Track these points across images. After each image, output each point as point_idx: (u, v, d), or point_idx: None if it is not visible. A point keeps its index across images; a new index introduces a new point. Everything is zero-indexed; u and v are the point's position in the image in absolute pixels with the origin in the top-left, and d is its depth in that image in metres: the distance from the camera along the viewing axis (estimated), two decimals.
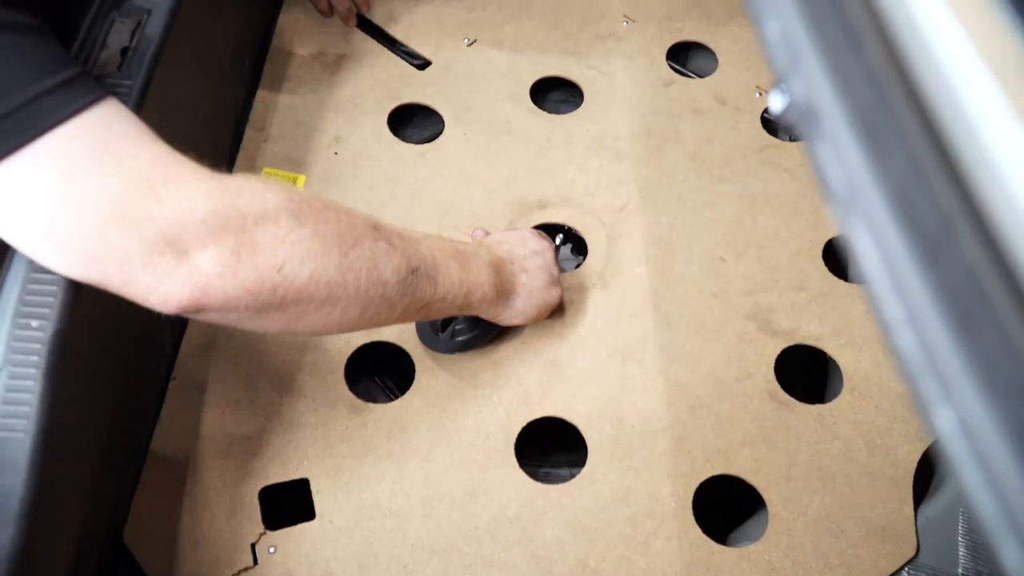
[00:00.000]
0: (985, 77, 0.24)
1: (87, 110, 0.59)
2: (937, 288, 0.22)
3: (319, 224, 0.66)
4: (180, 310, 0.61)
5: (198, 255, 0.60)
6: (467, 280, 0.80)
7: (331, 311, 0.68)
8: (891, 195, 0.24)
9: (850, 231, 0.25)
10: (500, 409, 0.91)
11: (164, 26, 0.83)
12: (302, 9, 1.22)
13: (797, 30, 0.26)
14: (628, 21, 1.25)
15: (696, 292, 1.00)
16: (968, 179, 0.24)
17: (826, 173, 0.26)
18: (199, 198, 0.60)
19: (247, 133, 1.08)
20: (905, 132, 0.25)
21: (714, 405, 0.92)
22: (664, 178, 1.09)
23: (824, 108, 0.26)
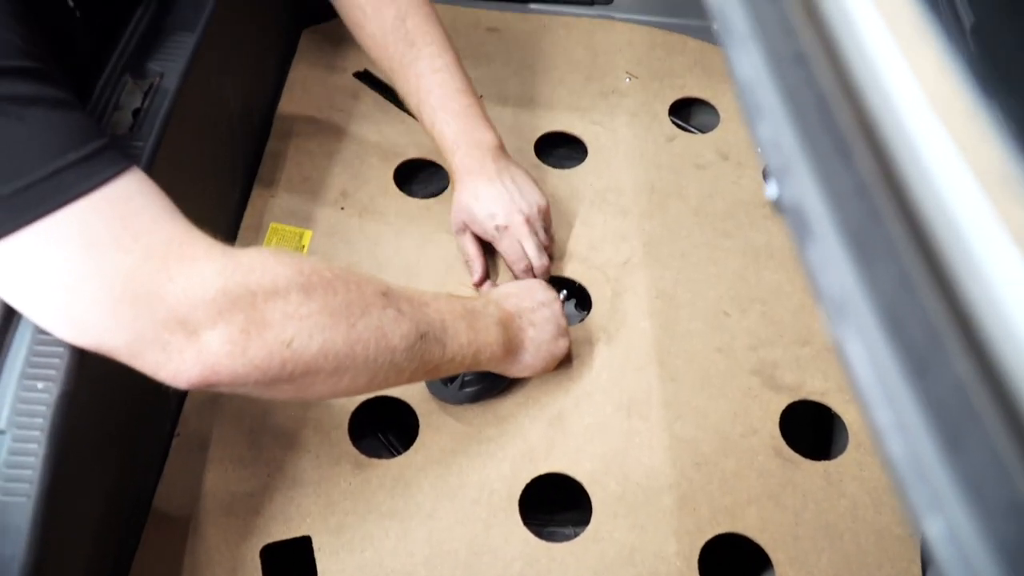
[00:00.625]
0: (974, 189, 0.24)
1: (107, 184, 0.60)
2: (925, 401, 0.23)
3: (328, 296, 0.67)
4: (190, 386, 0.62)
5: (208, 334, 0.61)
6: (476, 340, 0.81)
7: (340, 380, 0.69)
8: (880, 306, 0.24)
9: (839, 336, 0.25)
10: (504, 465, 0.91)
11: (176, 88, 0.85)
12: (310, 65, 1.24)
13: (787, 137, 0.27)
14: (631, 78, 1.27)
15: (701, 347, 1.00)
16: (958, 293, 0.24)
17: (816, 277, 0.27)
18: (211, 277, 0.61)
19: (255, 188, 1.10)
20: (894, 244, 0.25)
21: (720, 461, 0.92)
22: (668, 233, 1.10)
23: (813, 216, 0.26)
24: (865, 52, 0.28)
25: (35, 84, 0.61)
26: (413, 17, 0.98)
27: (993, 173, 0.24)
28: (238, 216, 1.07)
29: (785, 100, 0.28)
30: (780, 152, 0.27)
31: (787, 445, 0.93)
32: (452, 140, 0.97)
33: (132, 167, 0.63)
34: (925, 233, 0.25)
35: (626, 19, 1.34)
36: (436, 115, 0.97)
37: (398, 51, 0.97)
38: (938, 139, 0.25)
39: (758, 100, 0.29)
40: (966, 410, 0.22)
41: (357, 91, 1.22)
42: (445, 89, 0.97)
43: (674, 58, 1.30)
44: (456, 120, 0.97)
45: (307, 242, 1.05)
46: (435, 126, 0.98)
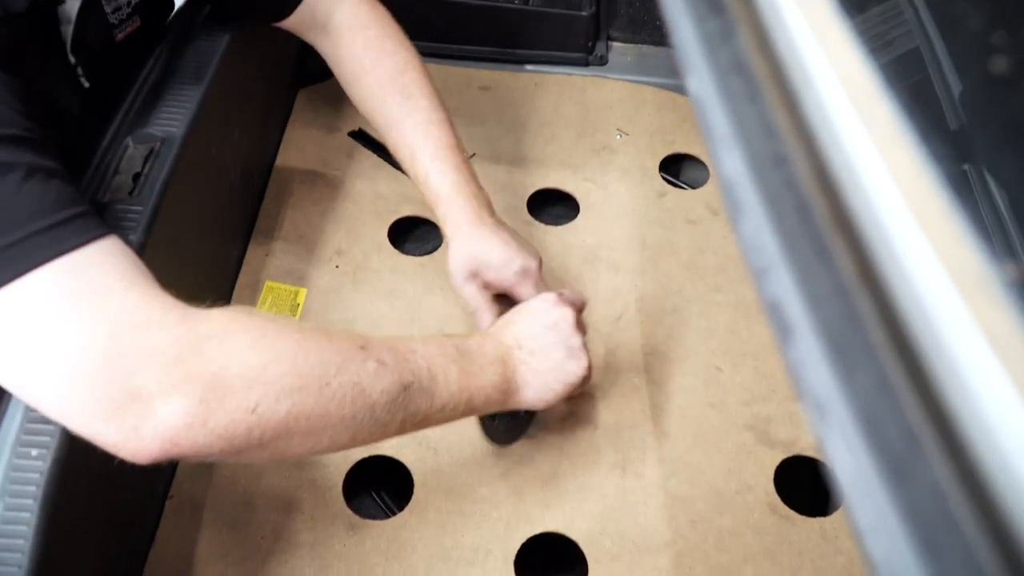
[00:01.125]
0: (950, 292, 0.25)
1: (70, 253, 0.60)
2: (903, 504, 0.23)
3: (297, 358, 0.64)
4: (150, 461, 0.60)
5: (163, 407, 0.59)
6: (468, 386, 0.76)
7: (318, 439, 0.66)
8: (858, 409, 0.25)
9: (821, 436, 0.26)
10: (500, 525, 0.90)
11: (176, 154, 0.86)
12: (306, 125, 1.26)
13: (767, 237, 0.28)
14: (622, 134, 1.29)
15: (694, 403, 1.00)
16: (936, 397, 0.24)
17: (797, 376, 0.27)
18: (165, 346, 0.59)
19: (251, 247, 1.11)
20: (872, 347, 0.26)
21: (715, 519, 0.91)
22: (660, 288, 1.11)
23: (793, 316, 0.27)
24: (844, 155, 0.29)
25: (14, 151, 0.61)
26: (411, 72, 1.00)
27: (968, 275, 0.25)
28: (235, 275, 1.08)
29: (765, 201, 0.29)
30: (760, 252, 0.28)
31: (782, 501, 0.93)
32: (449, 190, 0.95)
33: (106, 235, 0.62)
34: (903, 336, 0.26)
35: (618, 78, 1.37)
36: (431, 166, 0.96)
37: (395, 102, 0.98)
38: (915, 242, 0.26)
39: (739, 199, 0.30)
40: (943, 515, 0.23)
41: (352, 150, 1.24)
42: (441, 143, 0.97)
43: (664, 114, 1.33)
44: (452, 172, 0.96)
45: (302, 300, 1.06)
46: (429, 176, 0.96)
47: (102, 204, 0.79)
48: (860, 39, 0.31)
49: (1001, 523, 0.23)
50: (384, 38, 1.00)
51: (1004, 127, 0.56)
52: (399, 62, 1.00)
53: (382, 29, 1.01)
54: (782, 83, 0.32)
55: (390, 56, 1.00)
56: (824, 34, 0.32)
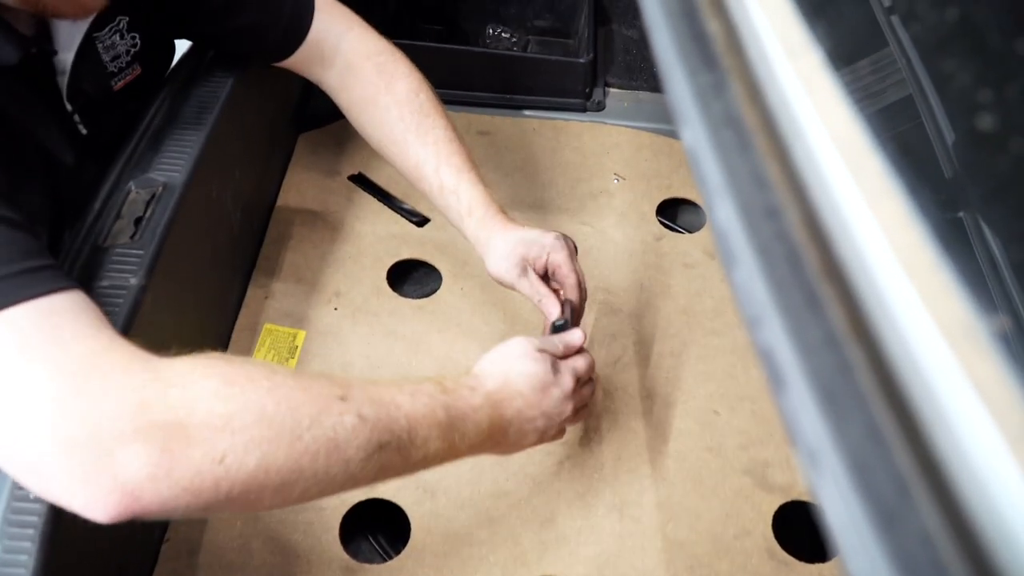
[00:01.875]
0: (939, 342, 0.25)
1: (36, 299, 0.59)
2: (893, 552, 0.23)
3: (266, 407, 0.61)
4: (107, 517, 0.56)
5: (122, 455, 0.55)
6: (449, 450, 0.73)
7: (289, 493, 0.62)
8: (849, 457, 0.25)
9: (813, 483, 0.26)
10: (496, 570, 0.90)
11: (178, 199, 0.87)
12: (306, 168, 1.28)
13: (759, 287, 0.29)
14: (619, 179, 1.31)
15: (692, 447, 1.00)
16: (926, 445, 0.25)
17: (789, 424, 0.28)
18: (126, 392, 0.57)
19: (250, 289, 1.11)
20: (863, 396, 0.26)
21: (713, 564, 0.91)
22: (657, 332, 1.11)
23: (785, 366, 0.28)
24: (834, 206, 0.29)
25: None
26: (425, 92, 1.03)
27: (957, 325, 0.26)
28: (234, 317, 1.08)
29: (757, 251, 0.30)
30: (753, 301, 0.29)
31: (780, 547, 0.92)
32: (480, 202, 0.98)
33: (72, 288, 0.62)
34: (893, 385, 0.27)
35: (615, 124, 1.39)
36: (460, 177, 0.99)
37: (414, 120, 1.00)
38: (904, 292, 0.27)
39: (732, 248, 0.31)
40: (933, 563, 0.23)
41: (351, 193, 1.25)
42: (463, 158, 1.00)
43: (660, 159, 1.34)
44: (478, 185, 0.99)
45: (300, 342, 1.06)
46: (459, 190, 0.98)
47: (103, 248, 0.80)
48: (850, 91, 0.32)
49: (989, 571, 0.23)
50: (395, 62, 1.03)
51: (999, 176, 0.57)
52: (412, 83, 1.02)
53: (391, 55, 1.03)
54: (773, 135, 0.33)
55: (404, 78, 1.02)
56: (814, 88, 0.33)
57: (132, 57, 0.93)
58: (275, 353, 1.05)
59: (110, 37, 0.89)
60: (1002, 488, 0.24)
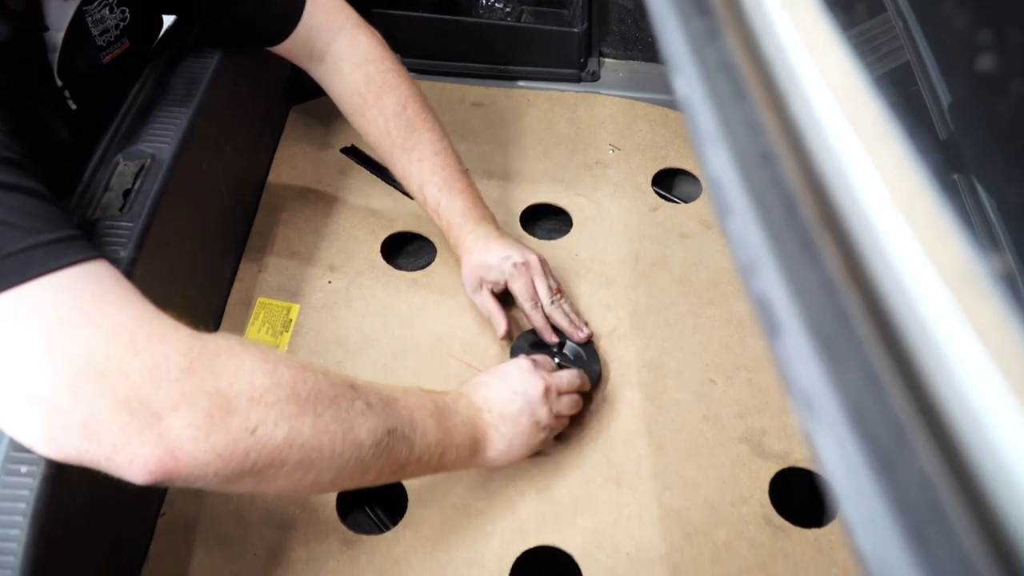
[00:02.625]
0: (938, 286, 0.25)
1: (77, 265, 0.61)
2: (891, 497, 0.23)
3: (296, 384, 0.65)
4: (146, 475, 0.59)
5: (170, 416, 0.59)
6: (443, 441, 0.78)
7: (304, 475, 0.66)
8: (846, 402, 0.25)
9: (809, 431, 0.26)
10: (494, 540, 0.90)
11: (167, 170, 0.86)
12: (298, 142, 1.27)
13: (754, 234, 0.28)
14: (614, 150, 1.30)
15: (688, 416, 1.00)
16: (924, 390, 0.24)
17: (784, 372, 0.27)
18: (176, 357, 0.60)
19: (243, 264, 1.11)
20: (860, 341, 0.26)
21: (710, 532, 0.91)
22: (653, 302, 1.11)
23: (781, 312, 0.27)
24: (831, 151, 0.29)
25: (15, 173, 0.62)
26: (413, 104, 1.03)
27: (956, 268, 0.25)
28: (227, 292, 1.07)
29: (752, 198, 0.29)
30: (747, 248, 0.28)
31: (777, 513, 0.92)
32: (461, 216, 1.02)
33: (101, 258, 0.64)
34: (891, 330, 0.26)
35: (609, 94, 1.38)
36: (441, 194, 1.02)
37: (400, 135, 1.02)
38: (902, 237, 0.26)
39: (726, 197, 0.30)
40: (932, 507, 0.23)
41: (344, 167, 1.24)
42: (448, 171, 1.03)
43: (656, 130, 1.33)
44: (459, 199, 1.03)
45: (295, 316, 1.06)
46: (440, 204, 1.02)
47: (92, 221, 0.79)
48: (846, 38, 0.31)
49: (990, 513, 0.22)
50: (384, 72, 1.03)
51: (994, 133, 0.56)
52: (400, 97, 1.03)
53: (381, 63, 1.03)
54: (768, 82, 0.32)
55: (392, 92, 1.02)
56: (810, 34, 0.32)
57: (121, 31, 0.91)
58: (269, 327, 1.04)
59: (99, 11, 0.88)
60: (1002, 431, 0.23)
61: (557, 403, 0.90)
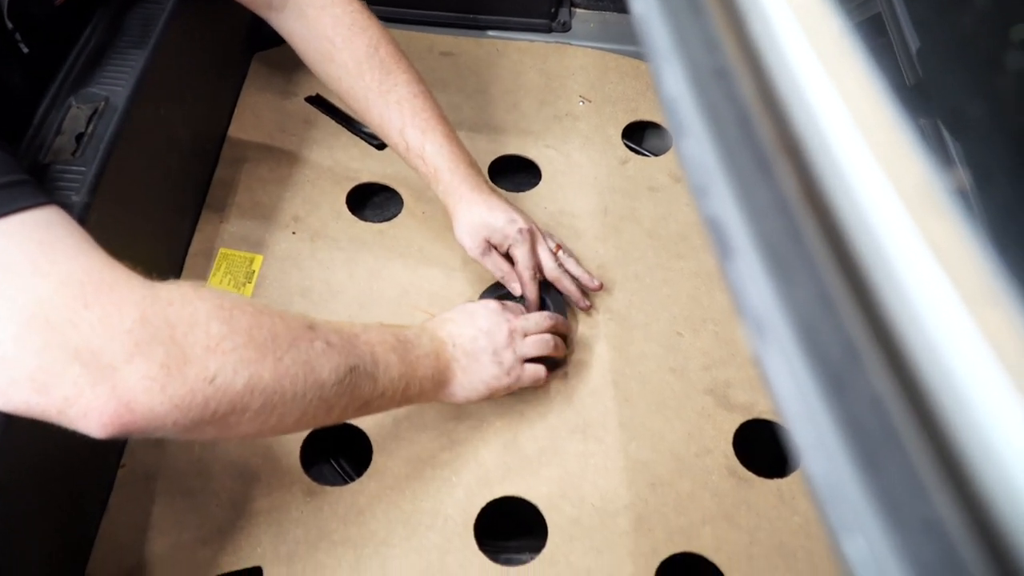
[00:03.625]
0: (894, 203, 0.24)
1: (28, 211, 0.59)
2: (842, 418, 0.22)
3: (253, 329, 0.63)
4: (101, 428, 0.56)
5: (123, 368, 0.57)
6: (406, 374, 0.77)
7: (267, 418, 0.65)
8: (797, 322, 0.24)
9: (759, 353, 0.25)
10: (459, 490, 0.90)
11: (122, 113, 0.84)
12: (261, 90, 1.24)
13: (708, 152, 0.27)
14: (584, 102, 1.28)
15: (655, 368, 1.00)
16: (877, 309, 0.24)
17: (736, 294, 0.26)
18: (128, 307, 0.58)
19: (204, 214, 1.08)
20: (812, 259, 0.25)
21: (675, 482, 0.92)
22: (621, 255, 1.10)
23: (733, 232, 0.26)
24: (789, 68, 0.28)
25: None
26: (385, 46, 0.98)
27: (912, 185, 0.24)
28: (187, 242, 1.05)
29: (706, 115, 0.28)
30: (701, 169, 0.27)
31: (741, 464, 0.93)
32: (447, 163, 0.97)
33: (53, 204, 0.61)
34: (844, 248, 0.25)
35: (580, 45, 1.36)
36: (426, 138, 0.97)
37: (375, 79, 0.96)
38: (857, 152, 0.25)
39: (681, 116, 0.29)
40: (883, 427, 0.22)
41: (309, 116, 1.22)
42: (429, 114, 0.97)
43: (627, 82, 1.32)
44: (446, 144, 0.97)
45: (258, 267, 1.04)
46: (425, 149, 0.97)
47: (43, 165, 0.77)
48: None
49: (943, 434, 0.22)
50: (352, 13, 0.98)
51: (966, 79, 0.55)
52: (372, 38, 0.97)
53: (348, 4, 0.98)
54: None
55: (361, 33, 0.97)
56: None
57: None
58: (231, 278, 1.02)
59: None
60: (956, 349, 0.22)
61: (522, 345, 0.89)
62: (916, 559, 0.21)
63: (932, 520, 0.21)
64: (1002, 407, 0.21)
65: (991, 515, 0.22)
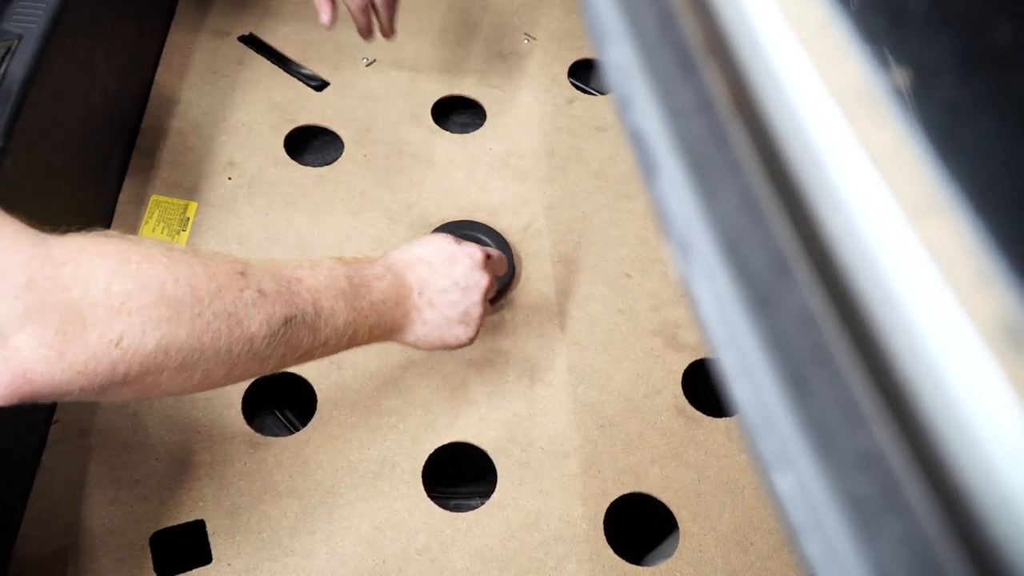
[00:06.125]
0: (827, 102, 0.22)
1: None
2: (769, 338, 0.21)
3: (166, 284, 0.57)
4: (2, 401, 0.52)
5: (15, 337, 0.51)
6: (354, 322, 0.70)
7: (190, 376, 0.60)
8: (721, 235, 0.22)
9: (684, 275, 0.23)
10: (406, 437, 0.88)
11: (36, 52, 0.79)
12: (191, 29, 1.18)
13: (629, 56, 0.25)
14: (529, 39, 1.25)
15: (603, 310, 0.99)
16: (808, 215, 0.22)
17: (660, 213, 0.24)
18: (14, 270, 0.52)
19: (133, 160, 1.04)
20: (737, 163, 0.23)
21: (623, 423, 0.91)
22: (568, 196, 1.08)
23: (654, 142, 0.24)
24: None
25: None
26: None
27: (847, 84, 0.23)
28: (116, 190, 1.01)
29: (627, 17, 0.26)
30: (624, 76, 0.25)
31: (689, 404, 0.93)
32: None
33: None
34: (774, 154, 0.23)
35: None
36: None
37: None
38: (790, 51, 0.23)
39: (602, 20, 0.27)
40: (814, 347, 0.20)
41: (243, 56, 1.16)
42: None
43: (573, 19, 1.28)
44: None
45: (192, 214, 1.00)
46: None
47: None
48: None
49: (882, 355, 0.21)
50: None
51: None
52: None
53: None
54: None
55: None
56: None
57: None
58: (164, 226, 0.98)
59: None
60: (896, 261, 0.21)
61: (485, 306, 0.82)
62: (851, 495, 0.20)
63: (869, 452, 0.20)
64: (946, 323, 0.20)
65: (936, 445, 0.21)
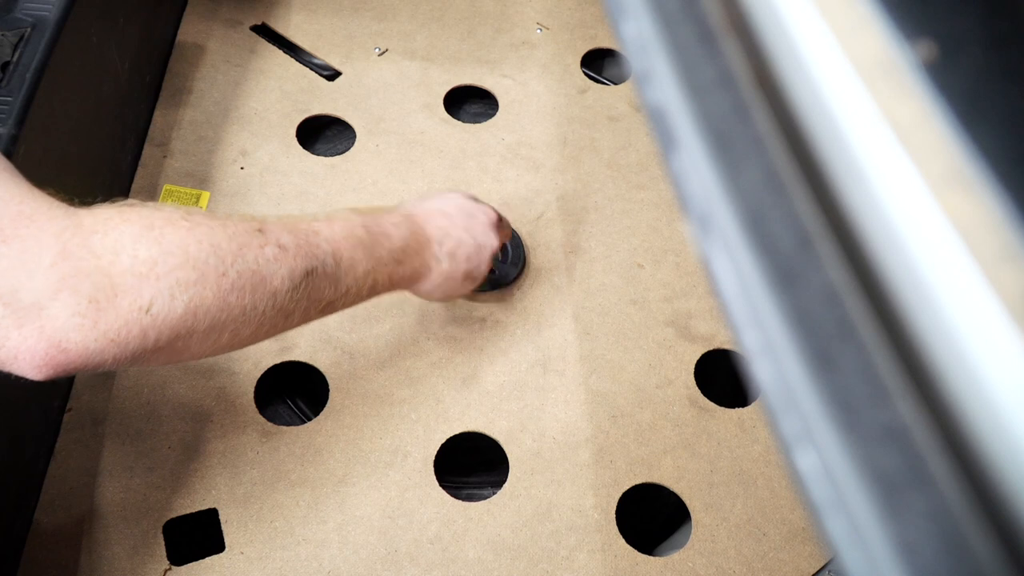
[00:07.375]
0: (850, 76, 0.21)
1: None
2: (792, 314, 0.20)
3: (189, 247, 0.58)
4: (35, 370, 0.53)
5: (51, 306, 0.52)
6: (373, 271, 0.72)
7: (219, 337, 0.61)
8: (743, 210, 0.22)
9: (704, 252, 0.23)
10: (418, 427, 0.88)
11: (50, 40, 0.79)
12: (204, 19, 1.18)
13: (648, 31, 0.24)
14: (542, 29, 1.24)
15: (615, 300, 0.99)
16: (831, 191, 0.21)
17: (680, 189, 0.24)
18: (48, 240, 0.53)
19: (146, 149, 1.04)
20: (760, 138, 0.23)
21: (635, 414, 0.91)
22: (581, 186, 1.08)
23: (675, 117, 0.24)
24: None
25: None
26: None
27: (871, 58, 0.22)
28: (129, 178, 1.01)
29: None
30: (644, 51, 0.25)
31: (702, 394, 0.93)
32: None
33: None
34: (796, 128, 0.23)
35: None
36: None
37: None
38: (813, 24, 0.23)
39: None
40: (838, 322, 0.20)
41: (255, 45, 1.16)
42: None
43: (585, 8, 1.28)
44: None
45: (204, 203, 1.00)
46: None
47: None
48: None
49: (906, 329, 0.20)
50: None
51: None
52: None
53: None
54: None
55: None
56: None
57: None
58: None
59: None
60: (920, 236, 0.20)
61: (490, 265, 0.86)
62: (876, 471, 0.19)
63: (894, 427, 0.20)
64: (971, 297, 0.19)
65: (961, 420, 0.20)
